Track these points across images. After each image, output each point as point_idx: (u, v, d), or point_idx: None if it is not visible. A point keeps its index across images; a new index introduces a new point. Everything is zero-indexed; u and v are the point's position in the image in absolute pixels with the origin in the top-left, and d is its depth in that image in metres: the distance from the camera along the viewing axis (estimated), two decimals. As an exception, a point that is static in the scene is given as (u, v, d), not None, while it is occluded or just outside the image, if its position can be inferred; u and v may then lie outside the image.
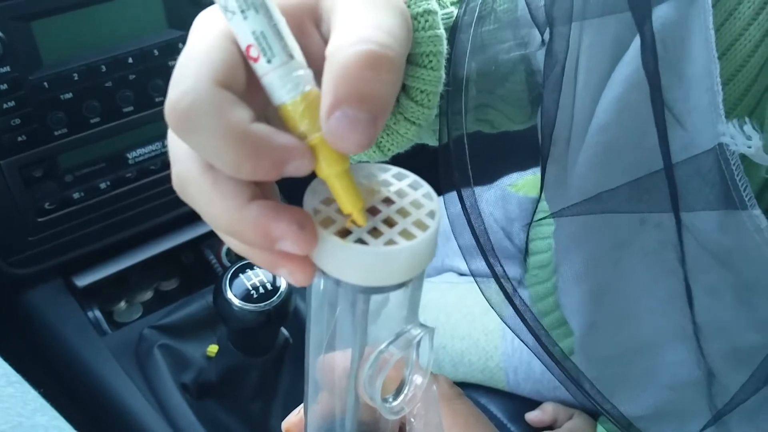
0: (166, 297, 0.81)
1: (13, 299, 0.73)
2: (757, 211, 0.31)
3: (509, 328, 0.38)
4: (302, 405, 0.32)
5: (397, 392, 0.28)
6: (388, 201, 0.25)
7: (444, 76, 0.34)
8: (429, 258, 0.25)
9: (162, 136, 0.74)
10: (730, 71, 0.35)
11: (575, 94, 0.36)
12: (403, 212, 0.25)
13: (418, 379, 0.28)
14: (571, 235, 0.39)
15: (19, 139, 0.64)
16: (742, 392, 0.32)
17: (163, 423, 0.67)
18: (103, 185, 0.72)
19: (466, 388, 0.70)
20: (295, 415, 0.34)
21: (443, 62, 0.33)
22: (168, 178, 0.25)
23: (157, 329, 0.72)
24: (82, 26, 0.66)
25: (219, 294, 0.61)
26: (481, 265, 0.38)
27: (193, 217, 0.81)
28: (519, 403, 0.69)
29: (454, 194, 0.37)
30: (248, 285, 0.61)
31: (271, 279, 0.62)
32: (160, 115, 0.23)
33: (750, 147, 0.30)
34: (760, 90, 0.35)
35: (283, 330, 0.68)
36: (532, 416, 0.73)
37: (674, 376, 0.36)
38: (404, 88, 0.33)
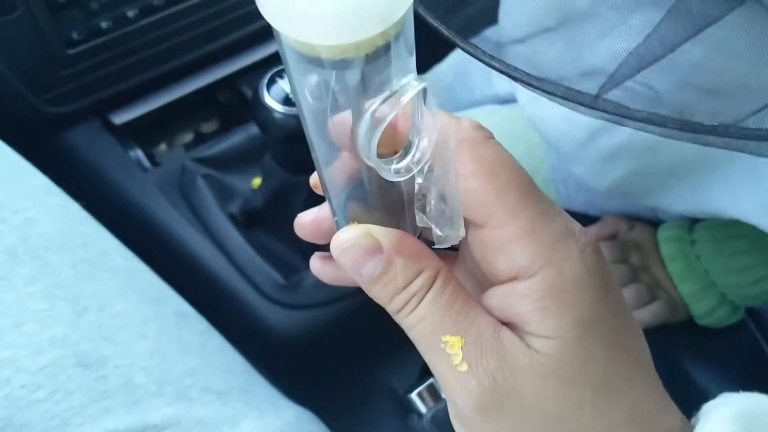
0: (207, 139, 0.79)
1: (51, 140, 0.72)
2: None
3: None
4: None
5: (405, 153, 0.27)
6: None
7: None
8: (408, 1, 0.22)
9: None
10: None
11: None
12: None
13: (425, 138, 0.27)
14: None
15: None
16: None
17: (213, 249, 0.66)
18: (131, 14, 0.69)
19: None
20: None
21: None
22: (200, 7, 0.23)
23: (200, 161, 0.69)
24: None
25: (258, 102, 0.57)
26: None
27: (229, 52, 0.77)
28: (578, 220, 0.65)
29: None
30: (287, 90, 0.57)
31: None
32: None
33: None
34: None
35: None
36: (593, 230, 0.69)
37: None
38: None
